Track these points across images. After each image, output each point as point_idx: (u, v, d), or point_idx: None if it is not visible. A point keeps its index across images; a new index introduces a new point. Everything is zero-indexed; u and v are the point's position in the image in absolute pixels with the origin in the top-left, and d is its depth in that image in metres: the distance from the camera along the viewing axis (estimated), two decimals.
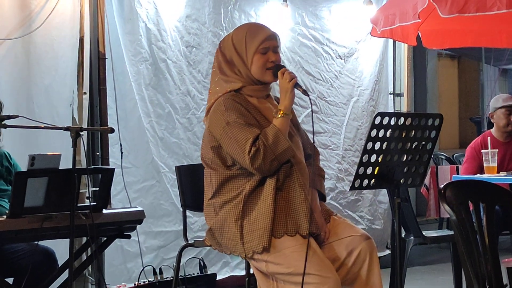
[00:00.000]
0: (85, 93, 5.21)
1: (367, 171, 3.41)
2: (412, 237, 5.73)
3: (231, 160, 3.32)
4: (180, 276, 4.89)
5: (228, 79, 3.41)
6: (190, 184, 4.42)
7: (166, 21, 5.73)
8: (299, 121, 3.74)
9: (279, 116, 3.29)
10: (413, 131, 3.49)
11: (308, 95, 3.37)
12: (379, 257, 6.74)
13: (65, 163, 3.87)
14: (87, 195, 4.02)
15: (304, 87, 3.37)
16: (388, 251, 7.11)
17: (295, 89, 3.34)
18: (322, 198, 3.53)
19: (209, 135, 3.37)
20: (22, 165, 3.97)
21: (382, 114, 3.35)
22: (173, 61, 5.77)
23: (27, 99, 4.97)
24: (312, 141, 3.50)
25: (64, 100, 5.14)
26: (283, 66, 3.40)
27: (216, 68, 3.46)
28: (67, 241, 3.69)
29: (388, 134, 3.37)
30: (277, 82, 3.43)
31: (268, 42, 3.39)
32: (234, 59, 3.41)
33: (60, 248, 4.27)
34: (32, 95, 5.00)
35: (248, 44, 3.38)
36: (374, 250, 3.37)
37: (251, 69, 3.38)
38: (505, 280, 2.92)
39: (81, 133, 3.78)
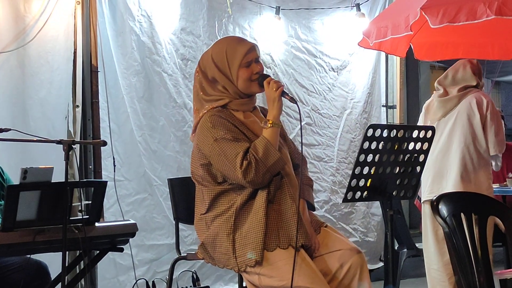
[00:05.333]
0: (77, 106, 5.21)
1: (360, 183, 3.40)
2: (405, 249, 5.74)
3: (222, 177, 3.30)
4: None
5: (211, 99, 3.37)
6: (183, 197, 4.40)
7: (161, 34, 5.74)
8: (294, 134, 3.73)
9: (269, 126, 3.28)
10: (406, 143, 3.49)
11: (295, 103, 3.34)
12: (373, 270, 6.78)
13: (60, 176, 3.86)
14: (80, 208, 4.00)
15: (291, 95, 3.35)
16: (381, 264, 7.11)
17: (282, 97, 3.32)
18: (311, 208, 3.52)
19: (198, 153, 3.34)
20: (16, 179, 3.96)
21: (374, 126, 3.35)
22: (169, 74, 5.78)
23: (23, 112, 4.97)
24: (299, 151, 3.50)
25: (60, 113, 5.14)
26: (268, 75, 3.39)
27: (198, 88, 3.41)
28: (59, 254, 3.68)
29: (380, 146, 3.37)
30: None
31: (250, 54, 3.36)
32: (217, 77, 3.36)
33: (53, 262, 4.25)
34: (27, 108, 5.00)
35: (230, 60, 3.34)
36: (364, 264, 3.36)
37: (237, 84, 3.35)
38: None
39: (74, 146, 3.77)
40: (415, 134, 3.51)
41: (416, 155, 3.54)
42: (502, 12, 4.43)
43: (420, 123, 5.25)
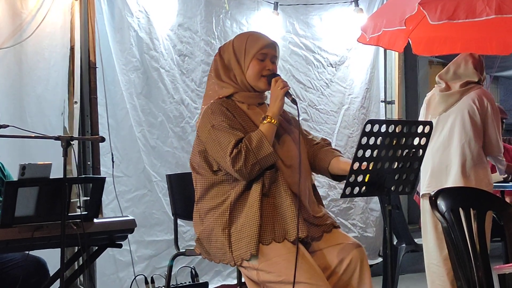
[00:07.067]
0: (75, 102, 5.22)
1: (358, 178, 3.40)
2: (404, 245, 5.73)
3: (217, 165, 3.32)
4: (172, 285, 4.88)
5: (222, 84, 3.42)
6: (181, 193, 4.41)
7: (158, 30, 5.74)
8: None
9: (266, 122, 3.29)
10: (404, 139, 3.48)
11: (296, 104, 3.36)
12: (372, 265, 6.79)
13: (58, 173, 3.86)
14: (78, 204, 4.01)
15: (294, 97, 3.37)
16: (380, 259, 7.12)
17: (285, 97, 3.34)
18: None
19: (198, 139, 3.39)
20: (15, 175, 3.96)
21: (373, 122, 3.34)
22: (166, 69, 5.78)
23: (20, 109, 4.97)
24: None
25: (56, 109, 5.15)
26: (278, 75, 3.42)
27: (213, 71, 3.48)
28: (58, 250, 3.69)
29: (378, 142, 3.36)
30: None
31: (267, 49, 3.41)
32: (232, 63, 3.42)
33: (52, 258, 4.25)
34: (24, 104, 5.00)
35: (247, 48, 3.40)
36: (364, 258, 3.37)
37: (246, 74, 3.40)
38: (497, 287, 2.93)
39: (72, 143, 3.77)
40: (413, 129, 3.50)
41: (414, 150, 3.53)
42: (502, 10, 4.43)
43: (421, 116, 5.26)
